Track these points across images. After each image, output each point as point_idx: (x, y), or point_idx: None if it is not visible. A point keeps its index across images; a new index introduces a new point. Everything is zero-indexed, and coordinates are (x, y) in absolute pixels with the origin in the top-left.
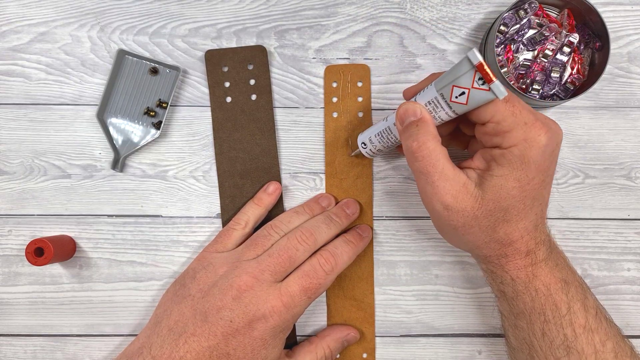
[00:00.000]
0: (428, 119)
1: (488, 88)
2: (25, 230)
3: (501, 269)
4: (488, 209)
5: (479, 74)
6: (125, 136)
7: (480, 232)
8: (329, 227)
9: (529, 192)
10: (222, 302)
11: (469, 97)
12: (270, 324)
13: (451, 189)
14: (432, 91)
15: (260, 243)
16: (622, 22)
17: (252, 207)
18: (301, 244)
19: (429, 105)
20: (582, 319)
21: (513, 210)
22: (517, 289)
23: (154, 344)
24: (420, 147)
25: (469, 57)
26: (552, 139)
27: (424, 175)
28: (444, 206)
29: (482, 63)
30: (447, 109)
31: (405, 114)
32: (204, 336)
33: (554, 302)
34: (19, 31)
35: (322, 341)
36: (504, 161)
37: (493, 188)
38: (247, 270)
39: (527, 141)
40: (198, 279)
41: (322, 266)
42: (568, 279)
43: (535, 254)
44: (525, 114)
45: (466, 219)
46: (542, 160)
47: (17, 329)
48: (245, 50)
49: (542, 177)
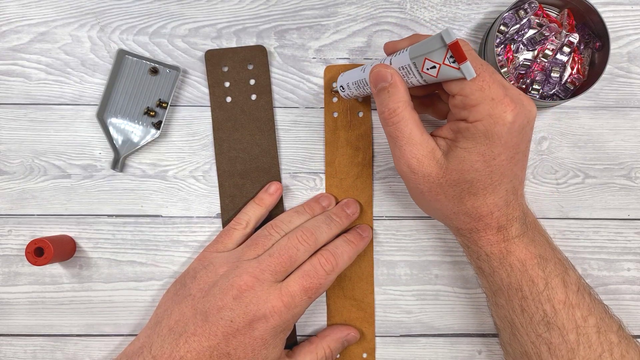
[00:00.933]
0: (399, 84)
1: (458, 67)
2: (25, 230)
3: (475, 244)
4: (452, 178)
5: (451, 53)
6: (125, 136)
7: (447, 200)
8: (329, 227)
9: (496, 168)
10: (223, 302)
11: (439, 72)
12: (271, 323)
13: (417, 153)
14: (406, 58)
15: (261, 243)
16: (622, 22)
17: (253, 207)
18: (302, 244)
19: (402, 70)
20: (562, 295)
21: (479, 184)
22: (493, 265)
23: (154, 344)
24: (391, 113)
25: (442, 35)
26: (521, 116)
27: (393, 139)
28: (410, 169)
29: (456, 42)
30: (418, 77)
31: (377, 78)
32: (204, 336)
33: (530, 278)
34: (19, 31)
35: (323, 341)
36: (468, 134)
37: (457, 159)
38: (247, 270)
39: (492, 117)
40: (198, 278)
41: (323, 266)
42: (545, 255)
43: (507, 230)
44: (495, 89)
45: (431, 184)
46: (509, 137)
47: (17, 329)
48: (245, 50)
49: (510, 153)
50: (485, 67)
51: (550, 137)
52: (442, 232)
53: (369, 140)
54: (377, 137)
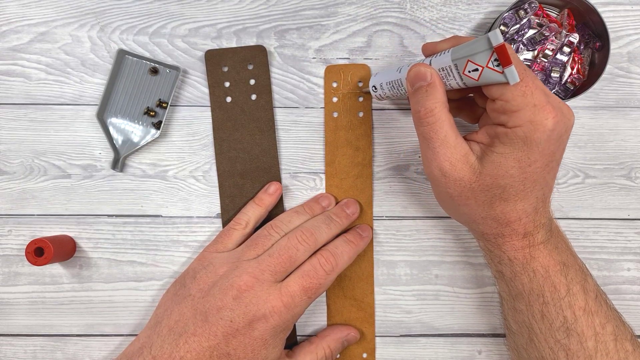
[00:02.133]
0: (438, 84)
1: (502, 71)
2: (25, 230)
3: (498, 249)
4: (485, 183)
5: (496, 56)
6: (125, 136)
7: (476, 205)
8: (329, 227)
9: (530, 175)
10: (223, 302)
11: (481, 75)
12: (271, 324)
13: (451, 156)
14: (448, 59)
15: (261, 243)
16: (622, 22)
17: (253, 207)
18: (301, 244)
19: (442, 71)
20: (582, 302)
21: (511, 190)
22: (515, 269)
23: (154, 344)
24: (427, 113)
25: (489, 37)
26: (560, 124)
27: (426, 140)
28: (442, 172)
29: (503, 45)
30: (459, 79)
31: (416, 77)
32: (204, 336)
33: (553, 284)
34: (19, 31)
35: (323, 341)
36: (506, 140)
37: (492, 164)
38: (247, 270)
39: (533, 123)
40: (198, 279)
41: (323, 266)
42: (568, 262)
43: (533, 236)
44: (537, 95)
45: (462, 189)
46: (547, 144)
47: (17, 329)
48: (245, 50)
49: (546, 161)
50: (527, 72)
51: None
52: (442, 232)
53: (369, 140)
54: (377, 137)
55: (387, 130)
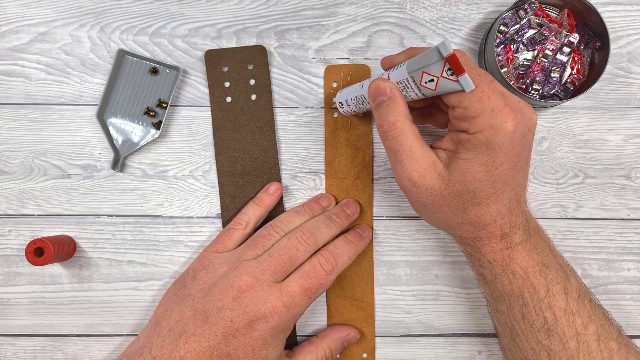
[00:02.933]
0: (398, 97)
1: (456, 79)
2: (25, 230)
3: (478, 252)
4: (455, 190)
5: (448, 65)
6: (125, 136)
7: (450, 212)
8: (329, 227)
9: (498, 177)
10: (223, 302)
11: (437, 85)
12: (271, 324)
13: (418, 167)
14: (404, 72)
15: (261, 243)
16: (622, 22)
17: (253, 207)
18: (301, 244)
19: (400, 84)
20: (562, 302)
21: (482, 194)
22: (495, 272)
23: (154, 344)
24: (390, 127)
25: (439, 48)
26: (522, 124)
27: (393, 153)
28: (412, 183)
29: (453, 55)
30: (417, 90)
31: (376, 92)
32: (204, 336)
33: (532, 285)
34: (19, 31)
35: (323, 341)
36: (470, 146)
37: (459, 170)
38: (247, 270)
39: (493, 128)
40: (198, 279)
41: (323, 266)
42: (548, 262)
43: (511, 238)
44: (495, 99)
45: (434, 197)
46: (511, 146)
47: (17, 329)
48: (245, 50)
49: (512, 162)
50: (483, 77)
51: (550, 137)
52: (442, 233)
53: (369, 140)
54: (377, 137)
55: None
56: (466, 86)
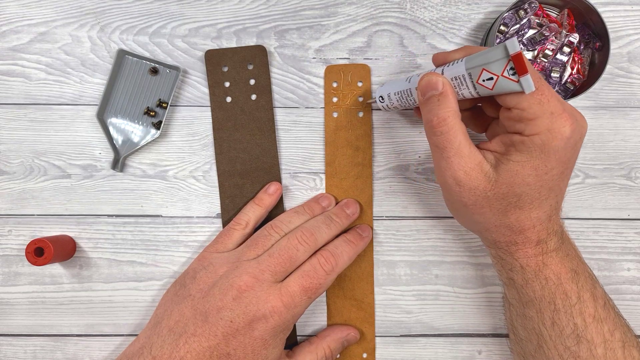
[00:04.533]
0: (450, 93)
1: (517, 80)
2: (25, 230)
3: (510, 256)
4: (501, 191)
5: (512, 64)
6: (125, 136)
7: (491, 213)
8: (329, 227)
9: (546, 182)
10: (223, 302)
11: (496, 84)
12: (271, 324)
13: (465, 165)
14: (461, 68)
15: (261, 243)
16: (622, 22)
17: (253, 207)
18: (301, 244)
19: (455, 80)
20: (592, 309)
21: (527, 198)
22: (527, 277)
23: (154, 344)
24: (440, 122)
25: (506, 45)
26: (577, 131)
27: (440, 149)
28: (456, 181)
29: (519, 54)
30: (472, 88)
31: (427, 86)
32: (204, 336)
33: (564, 291)
34: (19, 31)
35: (323, 341)
36: (523, 148)
37: (508, 172)
38: (247, 270)
39: (551, 131)
40: (198, 279)
41: (323, 266)
42: (578, 269)
43: (547, 244)
44: (554, 103)
45: (477, 197)
46: (564, 152)
47: (17, 329)
48: (245, 50)
49: (562, 168)
50: (542, 81)
51: None
52: (442, 232)
53: (369, 140)
54: (377, 137)
55: (387, 130)
56: (527, 87)
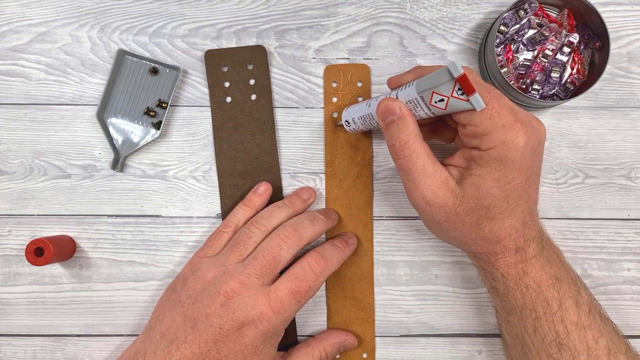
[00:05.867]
0: (408, 116)
1: (467, 99)
2: (25, 230)
3: (491, 266)
4: (469, 206)
5: (459, 85)
6: (125, 136)
7: (464, 228)
8: (313, 223)
9: (512, 192)
10: (211, 309)
11: (448, 104)
12: (260, 330)
13: (431, 184)
14: (413, 91)
15: (243, 242)
16: (622, 22)
17: (242, 208)
18: (285, 242)
19: (410, 104)
20: (574, 316)
21: (496, 209)
22: (508, 285)
23: (147, 350)
24: (402, 146)
25: (449, 68)
26: (532, 139)
27: (405, 172)
28: (425, 201)
29: (464, 75)
30: (427, 109)
31: (385, 111)
32: (195, 343)
33: (545, 299)
34: (19, 31)
35: (320, 344)
36: (482, 162)
37: (472, 186)
38: (233, 275)
39: (505, 144)
40: (188, 284)
41: (312, 268)
42: (560, 276)
43: (525, 251)
44: (505, 115)
45: (448, 214)
46: (523, 161)
47: (17, 329)
48: (245, 50)
49: (525, 176)
50: (492, 94)
51: (550, 137)
52: None
53: (369, 140)
54: (377, 137)
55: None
56: (477, 105)
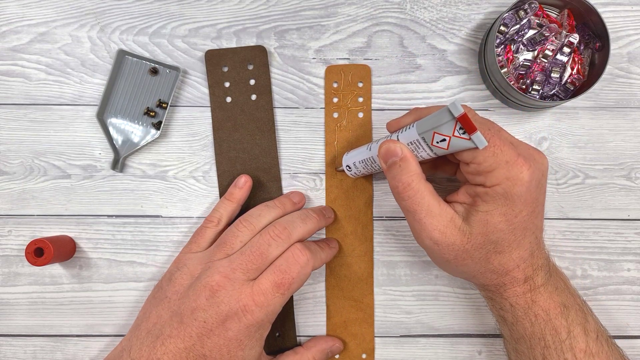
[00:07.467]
0: (410, 158)
1: (469, 138)
2: (25, 230)
3: (500, 296)
4: (477, 242)
5: (460, 124)
6: (125, 136)
7: (473, 263)
8: (304, 221)
9: (518, 225)
10: (196, 303)
11: (450, 144)
12: (244, 323)
13: (438, 224)
14: (414, 133)
15: (229, 241)
16: (622, 22)
17: (224, 203)
18: (274, 239)
19: (411, 145)
20: (583, 344)
21: (504, 243)
22: (517, 314)
23: (133, 347)
24: (405, 187)
25: (449, 108)
26: (536, 172)
27: (411, 213)
28: (433, 241)
29: (464, 115)
30: (429, 150)
31: (387, 154)
32: (180, 338)
33: (554, 327)
34: (19, 31)
35: (308, 352)
36: (488, 198)
37: (479, 223)
38: (219, 269)
39: (510, 179)
40: (174, 280)
41: (297, 259)
42: (568, 303)
43: (534, 280)
44: (507, 151)
45: (457, 252)
46: (528, 194)
47: (17, 329)
48: (245, 50)
49: (530, 208)
50: (493, 131)
51: (550, 138)
52: None
53: (369, 140)
54: (377, 137)
55: (387, 131)
56: (479, 143)
